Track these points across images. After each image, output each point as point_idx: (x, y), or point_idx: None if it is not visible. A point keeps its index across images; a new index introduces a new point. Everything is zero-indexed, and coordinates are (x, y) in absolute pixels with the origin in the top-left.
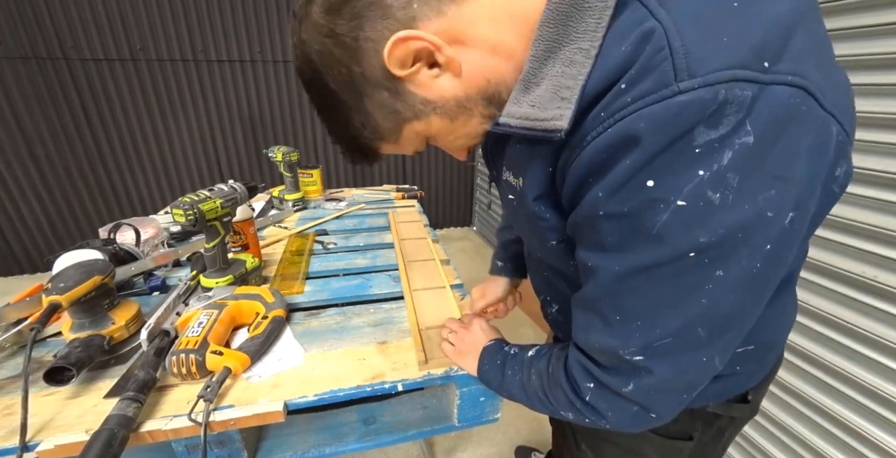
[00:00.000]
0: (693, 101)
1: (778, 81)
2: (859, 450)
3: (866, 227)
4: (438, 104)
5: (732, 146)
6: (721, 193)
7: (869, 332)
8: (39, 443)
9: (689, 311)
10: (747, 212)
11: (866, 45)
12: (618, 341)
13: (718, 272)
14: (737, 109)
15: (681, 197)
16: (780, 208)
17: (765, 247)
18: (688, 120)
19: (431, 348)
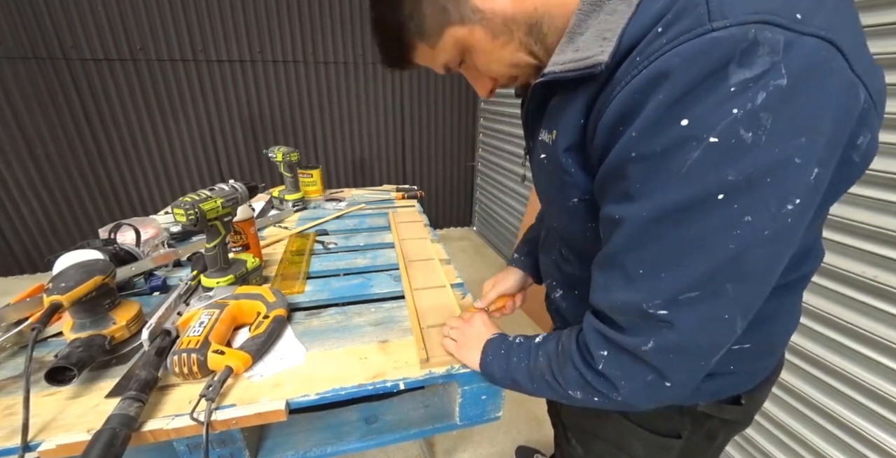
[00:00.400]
0: (725, 37)
1: (809, 33)
2: (859, 450)
3: (866, 227)
4: (487, 15)
5: (767, 87)
6: (753, 132)
7: (869, 332)
8: (41, 443)
9: (715, 257)
10: (777, 155)
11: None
12: (642, 295)
13: (747, 217)
14: (770, 50)
15: (713, 134)
16: (808, 158)
17: (792, 199)
18: (720, 55)
19: (433, 347)
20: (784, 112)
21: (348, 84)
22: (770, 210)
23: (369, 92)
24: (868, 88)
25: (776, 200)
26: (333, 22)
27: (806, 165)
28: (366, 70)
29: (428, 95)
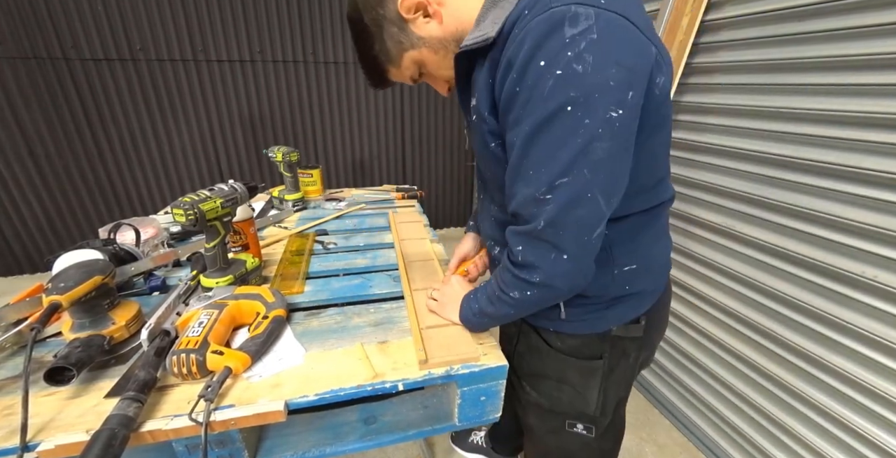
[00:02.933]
0: (559, 10)
1: (611, 9)
2: (859, 450)
3: (866, 227)
4: (427, 41)
5: (585, 39)
6: (582, 65)
7: (869, 332)
8: (40, 443)
9: (573, 149)
10: (598, 78)
11: (866, 45)
12: (532, 188)
13: (586, 120)
14: (585, 18)
15: (558, 68)
16: (620, 83)
17: (615, 108)
18: (557, 19)
19: (432, 348)
20: (598, 53)
21: (348, 84)
22: (600, 115)
23: (369, 92)
24: (657, 47)
25: (602, 108)
26: (333, 22)
27: (618, 86)
28: None
29: (428, 95)
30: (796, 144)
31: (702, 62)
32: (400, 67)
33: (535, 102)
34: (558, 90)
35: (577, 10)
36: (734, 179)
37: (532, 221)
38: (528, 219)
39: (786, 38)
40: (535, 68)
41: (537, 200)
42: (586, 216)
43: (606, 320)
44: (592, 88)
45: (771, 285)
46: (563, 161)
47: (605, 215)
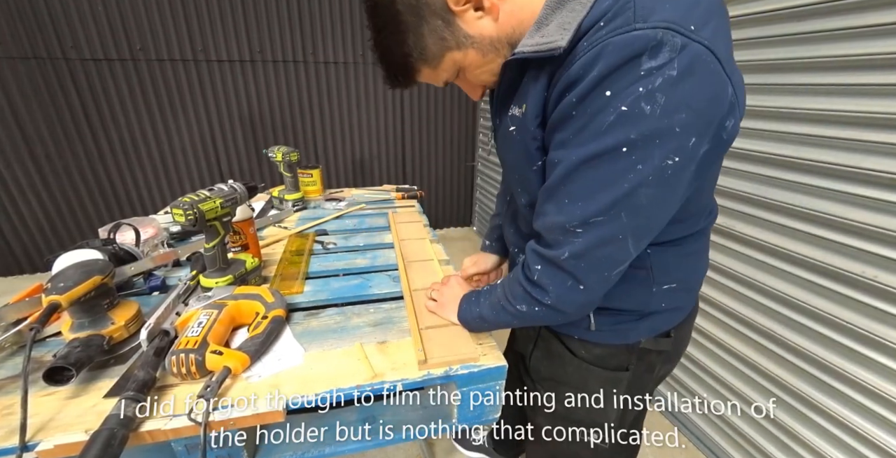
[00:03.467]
0: (641, 35)
1: (697, 40)
2: (859, 450)
3: (866, 227)
4: (476, 40)
5: (663, 75)
6: (651, 106)
7: (869, 332)
8: (39, 443)
9: (616, 192)
10: (665, 124)
11: (866, 46)
12: (565, 218)
13: (639, 166)
14: (670, 49)
15: (625, 104)
16: (687, 128)
17: (672, 156)
18: (638, 47)
19: (431, 348)
20: (671, 94)
21: (348, 84)
22: (655, 162)
23: (369, 92)
24: (734, 86)
25: (660, 155)
26: (333, 22)
27: (684, 133)
28: (366, 70)
29: (428, 95)
30: (796, 144)
31: None
32: (437, 69)
33: (589, 133)
34: (618, 128)
35: (663, 39)
36: (734, 179)
37: (556, 248)
38: (552, 245)
39: (786, 38)
40: (600, 97)
41: (566, 231)
42: (612, 255)
43: (637, 332)
44: (655, 133)
45: (771, 285)
46: (604, 202)
47: (632, 257)
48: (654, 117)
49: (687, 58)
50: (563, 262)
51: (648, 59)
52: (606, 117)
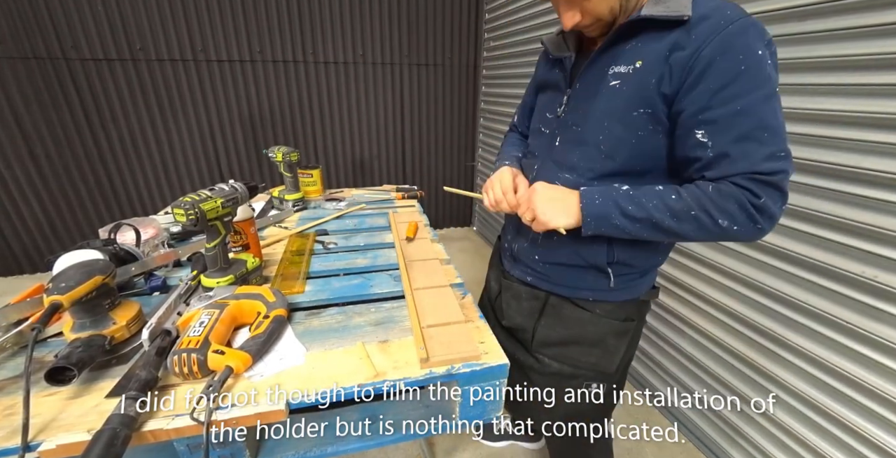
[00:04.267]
0: (756, 23)
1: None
2: (859, 450)
3: (866, 227)
4: None
5: (772, 47)
6: (773, 63)
7: (869, 332)
8: (41, 443)
9: (781, 118)
10: (776, 75)
11: (866, 46)
12: (771, 147)
13: (776, 104)
14: (768, 35)
15: (769, 60)
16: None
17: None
18: (760, 30)
19: (433, 346)
20: (775, 60)
21: (348, 84)
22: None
23: (369, 92)
24: None
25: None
26: (333, 22)
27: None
28: (366, 70)
29: (428, 95)
30: (797, 145)
31: None
32: None
33: (760, 79)
34: (773, 75)
35: (762, 28)
36: None
37: (775, 175)
38: (771, 172)
39: (786, 38)
40: (756, 55)
41: (777, 157)
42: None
43: (640, 289)
44: (777, 80)
45: (771, 285)
46: (782, 128)
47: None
48: (776, 71)
49: (772, 43)
50: (781, 183)
51: (765, 36)
52: (765, 69)
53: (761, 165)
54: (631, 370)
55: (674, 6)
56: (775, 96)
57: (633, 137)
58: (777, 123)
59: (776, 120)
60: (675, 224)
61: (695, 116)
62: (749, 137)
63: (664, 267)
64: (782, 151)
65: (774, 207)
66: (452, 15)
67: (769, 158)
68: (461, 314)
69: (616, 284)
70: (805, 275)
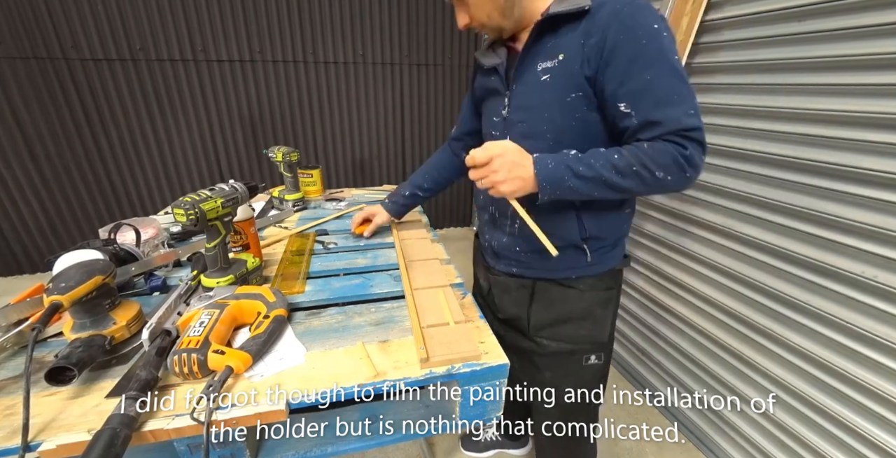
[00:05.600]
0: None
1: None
2: (859, 450)
3: (866, 227)
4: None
5: (664, 18)
6: (668, 34)
7: (869, 332)
8: (41, 443)
9: (685, 78)
10: (674, 46)
11: (866, 46)
12: (685, 107)
13: (682, 66)
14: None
15: (665, 31)
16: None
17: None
18: (648, 2)
19: (433, 346)
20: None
21: (348, 84)
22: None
23: (369, 92)
24: None
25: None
26: (333, 22)
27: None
28: (366, 70)
29: (428, 94)
30: (796, 144)
31: (702, 62)
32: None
33: (663, 53)
34: (669, 46)
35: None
36: (734, 179)
37: (694, 131)
38: (690, 129)
39: (786, 38)
40: (651, 30)
41: (690, 115)
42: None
43: (614, 259)
44: (674, 49)
45: (771, 285)
46: (687, 87)
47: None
48: (672, 41)
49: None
50: (700, 136)
51: (655, 8)
52: (662, 40)
53: (682, 123)
54: (631, 370)
55: (574, 0)
56: (676, 62)
57: (573, 120)
58: (683, 86)
59: (682, 83)
60: (621, 180)
61: (615, 92)
62: (664, 102)
63: (664, 267)
64: (692, 109)
65: (698, 157)
66: (452, 15)
67: (685, 116)
68: (461, 314)
69: (593, 258)
70: (805, 275)
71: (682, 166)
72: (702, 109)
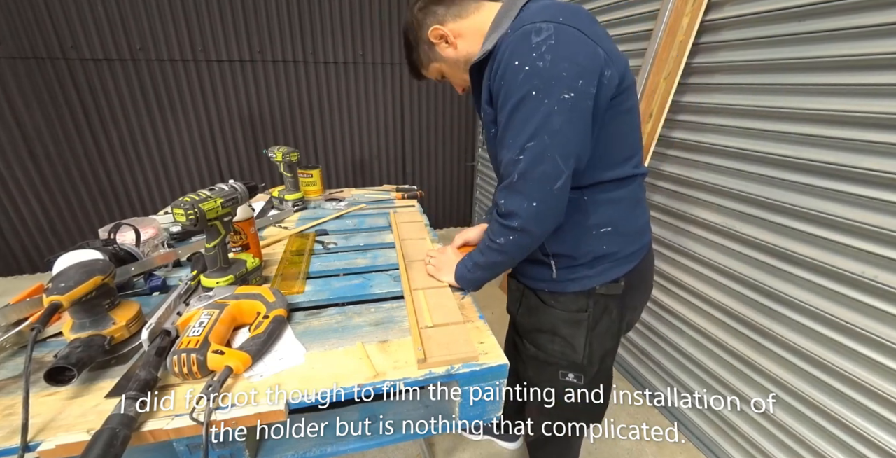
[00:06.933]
0: (528, 27)
1: (564, 23)
2: (859, 450)
3: (866, 227)
4: (445, 59)
5: (546, 44)
6: (542, 62)
7: (869, 332)
8: (41, 443)
9: (536, 122)
10: (554, 71)
11: (866, 46)
12: (511, 152)
13: (545, 100)
14: (546, 29)
15: (527, 65)
16: (571, 74)
17: (568, 92)
18: (526, 32)
19: (431, 347)
20: (554, 53)
21: (348, 84)
22: (555, 96)
23: (369, 92)
24: (605, 50)
25: (557, 91)
26: (333, 22)
27: (570, 76)
28: (366, 70)
29: (428, 94)
30: (796, 144)
31: (702, 62)
32: (428, 70)
33: (511, 90)
34: (526, 80)
35: (541, 25)
36: (734, 179)
37: (509, 177)
38: (507, 176)
39: (786, 38)
40: (512, 66)
41: (514, 161)
42: (548, 171)
43: (591, 280)
44: (550, 78)
45: (771, 285)
46: (529, 131)
47: (564, 171)
48: (546, 69)
49: (559, 32)
50: (515, 184)
51: (535, 36)
52: (518, 76)
53: (503, 173)
54: (631, 370)
55: (486, 45)
56: (528, 98)
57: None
58: (519, 127)
59: (520, 124)
60: (492, 258)
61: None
62: (502, 145)
63: (664, 267)
64: (519, 154)
65: (515, 205)
66: None
67: (507, 163)
68: (460, 315)
69: (559, 275)
70: (805, 275)
71: (503, 225)
72: (702, 109)
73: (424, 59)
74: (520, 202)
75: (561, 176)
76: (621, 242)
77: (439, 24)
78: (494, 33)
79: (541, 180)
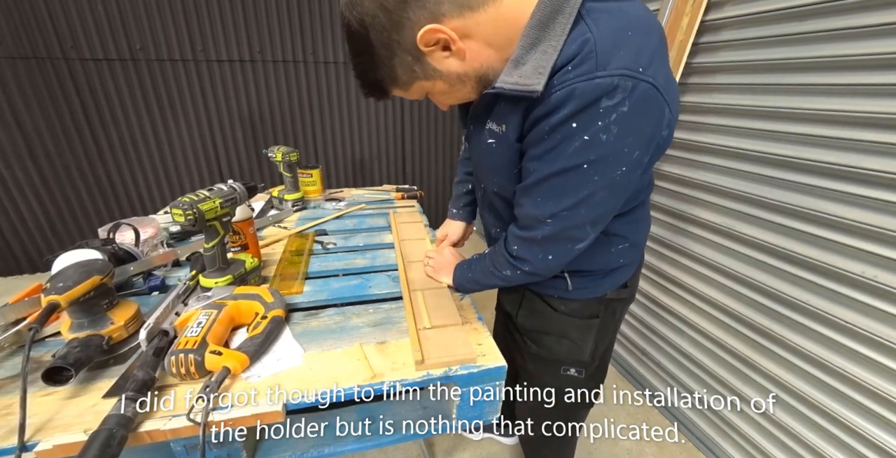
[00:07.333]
0: (602, 83)
1: (643, 79)
2: (859, 450)
3: (866, 227)
4: (444, 74)
5: (617, 111)
6: (606, 135)
7: (869, 332)
8: (38, 443)
9: (578, 196)
10: (617, 146)
11: (866, 46)
12: (540, 211)
13: (595, 178)
14: (622, 91)
15: (586, 134)
16: (633, 148)
17: (621, 168)
18: (598, 92)
19: (429, 349)
20: (623, 125)
21: (348, 84)
22: (608, 175)
23: None
24: (669, 105)
25: (612, 169)
26: (333, 22)
27: (631, 151)
28: None
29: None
30: (796, 144)
31: (702, 62)
32: (407, 91)
33: (558, 153)
34: (581, 152)
35: (618, 84)
36: (734, 179)
37: (531, 231)
38: (527, 228)
39: (786, 38)
40: (568, 127)
41: (539, 221)
42: (575, 236)
43: (603, 287)
44: (609, 154)
45: (771, 285)
46: (567, 203)
47: (590, 235)
48: (609, 143)
49: (635, 95)
50: (537, 241)
51: (607, 100)
52: (573, 143)
53: (522, 220)
54: (631, 370)
55: (527, 76)
56: (577, 171)
57: (512, 189)
58: (555, 194)
59: (558, 192)
60: (495, 283)
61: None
62: (528, 196)
63: (664, 266)
64: (549, 218)
65: (530, 255)
66: None
67: (531, 217)
68: (458, 316)
69: (575, 286)
70: (805, 275)
71: (513, 265)
72: (702, 109)
73: (403, 75)
74: (535, 253)
75: (586, 239)
76: (632, 254)
77: (435, 23)
78: (538, 51)
79: (567, 243)
